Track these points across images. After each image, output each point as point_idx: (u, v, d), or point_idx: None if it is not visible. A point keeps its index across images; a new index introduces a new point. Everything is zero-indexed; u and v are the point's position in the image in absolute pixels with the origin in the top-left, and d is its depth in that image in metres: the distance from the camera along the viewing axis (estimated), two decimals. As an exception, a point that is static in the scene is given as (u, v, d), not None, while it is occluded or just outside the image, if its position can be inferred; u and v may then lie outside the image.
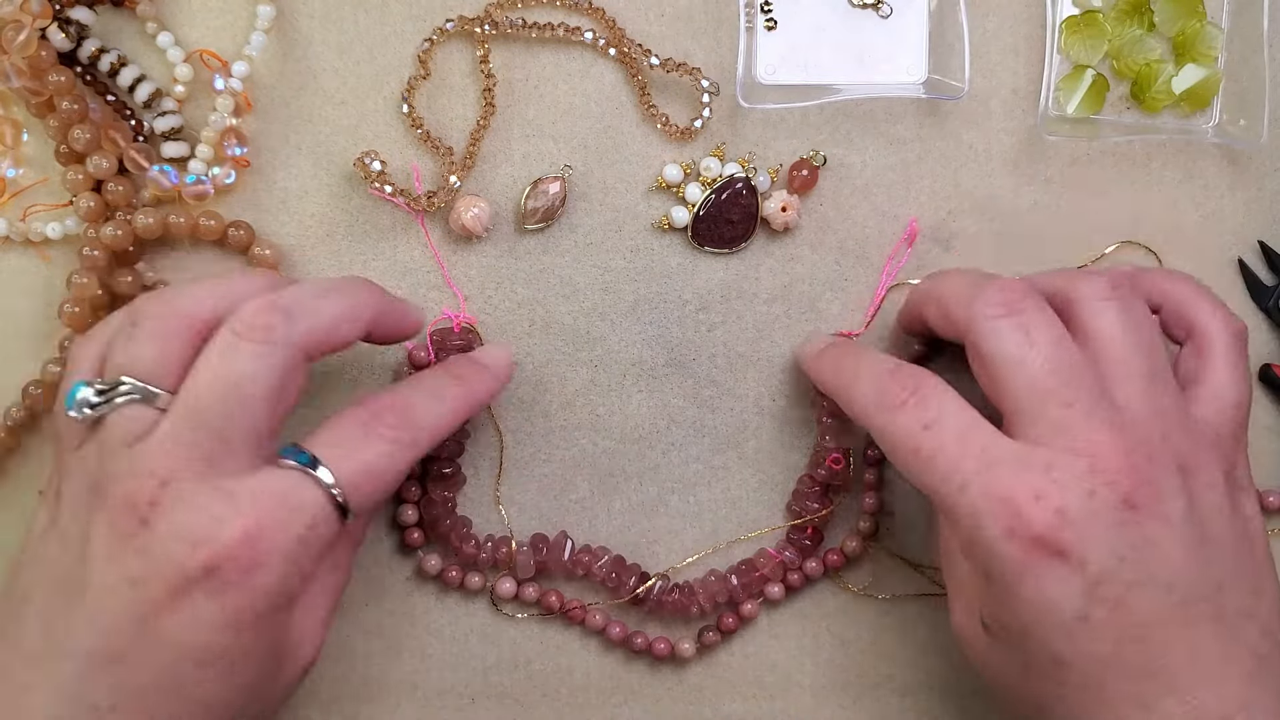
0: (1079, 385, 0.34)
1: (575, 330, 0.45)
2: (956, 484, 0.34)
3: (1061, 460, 0.33)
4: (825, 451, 0.44)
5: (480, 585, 0.45)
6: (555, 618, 0.45)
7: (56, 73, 0.42)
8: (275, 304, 0.35)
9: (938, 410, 0.35)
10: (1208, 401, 0.37)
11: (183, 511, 0.33)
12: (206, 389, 0.34)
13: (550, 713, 0.45)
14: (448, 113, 0.45)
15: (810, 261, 0.46)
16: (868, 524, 0.45)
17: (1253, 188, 0.46)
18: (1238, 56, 0.45)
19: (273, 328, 0.35)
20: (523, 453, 0.45)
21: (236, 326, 0.35)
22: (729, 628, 0.45)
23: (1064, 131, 0.45)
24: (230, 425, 0.34)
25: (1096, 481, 0.33)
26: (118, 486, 0.34)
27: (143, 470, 0.34)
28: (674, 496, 0.46)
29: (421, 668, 0.45)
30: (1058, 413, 0.34)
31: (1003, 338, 0.35)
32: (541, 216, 0.44)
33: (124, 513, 0.33)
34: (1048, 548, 0.33)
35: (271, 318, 0.35)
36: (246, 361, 0.34)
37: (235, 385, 0.34)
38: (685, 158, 0.45)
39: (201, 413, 0.34)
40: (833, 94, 0.44)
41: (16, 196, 0.44)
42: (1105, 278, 0.37)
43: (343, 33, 0.45)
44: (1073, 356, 0.35)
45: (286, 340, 0.35)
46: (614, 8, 0.45)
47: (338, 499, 0.35)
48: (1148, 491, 0.33)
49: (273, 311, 0.35)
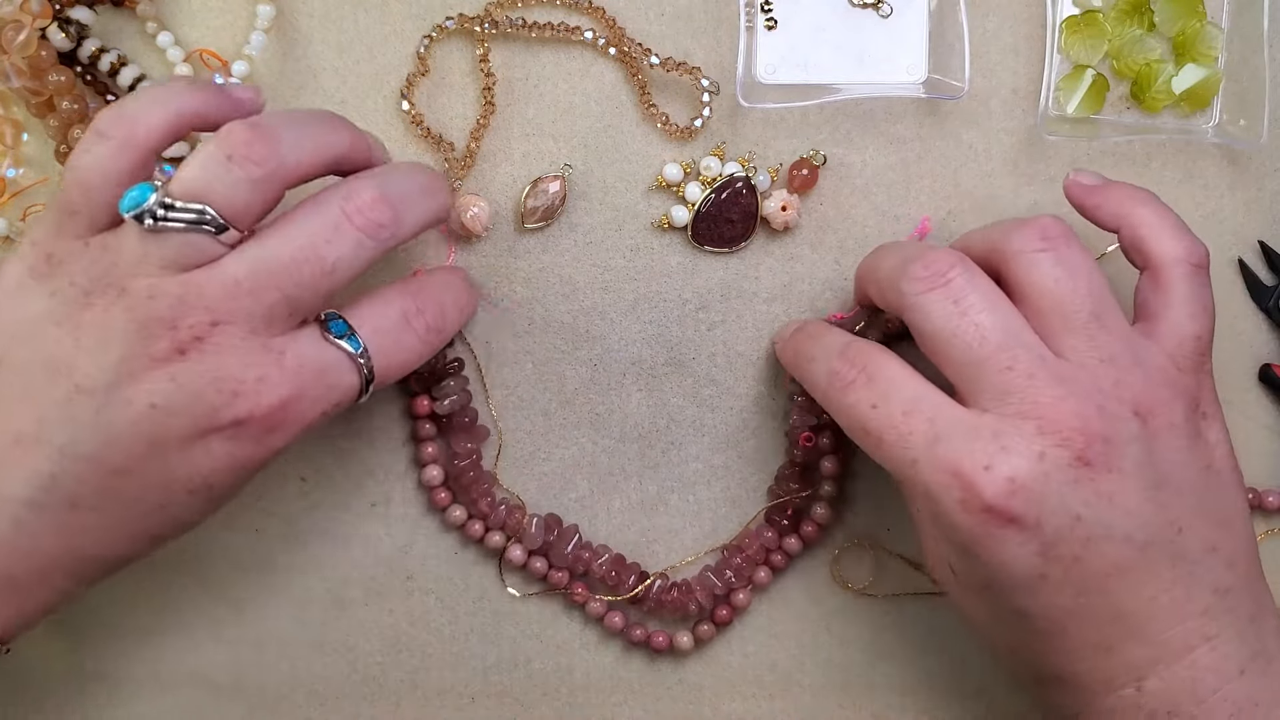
0: (1016, 346, 0.34)
1: (575, 329, 0.45)
2: (908, 460, 0.34)
3: (1008, 425, 0.33)
4: (797, 431, 0.44)
5: (500, 545, 0.45)
6: (558, 611, 0.45)
7: (56, 73, 0.42)
8: (388, 198, 0.36)
9: (885, 386, 0.35)
10: (1166, 336, 0.36)
11: (229, 358, 0.33)
12: (299, 255, 0.34)
13: (550, 712, 0.45)
14: (447, 111, 0.45)
15: (810, 261, 0.46)
16: (830, 488, 0.45)
17: (1253, 188, 0.46)
18: (1238, 56, 0.45)
19: (384, 225, 0.36)
20: (522, 451, 0.45)
21: (349, 208, 0.35)
22: (723, 619, 0.45)
23: (1064, 131, 0.45)
24: (305, 296, 0.35)
25: (1046, 443, 0.33)
26: (159, 305, 0.33)
27: (197, 301, 0.33)
28: (674, 495, 0.46)
29: (421, 668, 0.45)
30: (999, 377, 0.34)
31: (932, 311, 0.35)
32: (541, 216, 0.44)
33: (161, 334, 0.33)
34: (1001, 515, 0.33)
35: (385, 214, 0.36)
36: (348, 247, 0.35)
37: (330, 266, 0.35)
38: (685, 157, 0.45)
39: (282, 276, 0.34)
40: (833, 94, 0.44)
41: (16, 196, 0.44)
42: (1036, 227, 0.36)
43: (342, 32, 0.45)
44: (1006, 318, 0.35)
45: (390, 241, 0.36)
46: (614, 7, 0.45)
47: (367, 383, 0.36)
48: (1101, 446, 0.33)
49: (385, 207, 0.36)
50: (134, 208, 0.33)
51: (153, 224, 0.33)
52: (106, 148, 0.35)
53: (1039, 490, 0.33)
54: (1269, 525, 0.47)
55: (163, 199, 0.33)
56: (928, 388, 0.35)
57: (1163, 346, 0.36)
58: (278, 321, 0.34)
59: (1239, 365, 0.46)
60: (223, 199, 0.34)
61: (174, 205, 0.33)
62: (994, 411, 0.34)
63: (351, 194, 0.35)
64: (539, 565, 0.45)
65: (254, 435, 0.34)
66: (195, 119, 0.36)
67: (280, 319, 0.34)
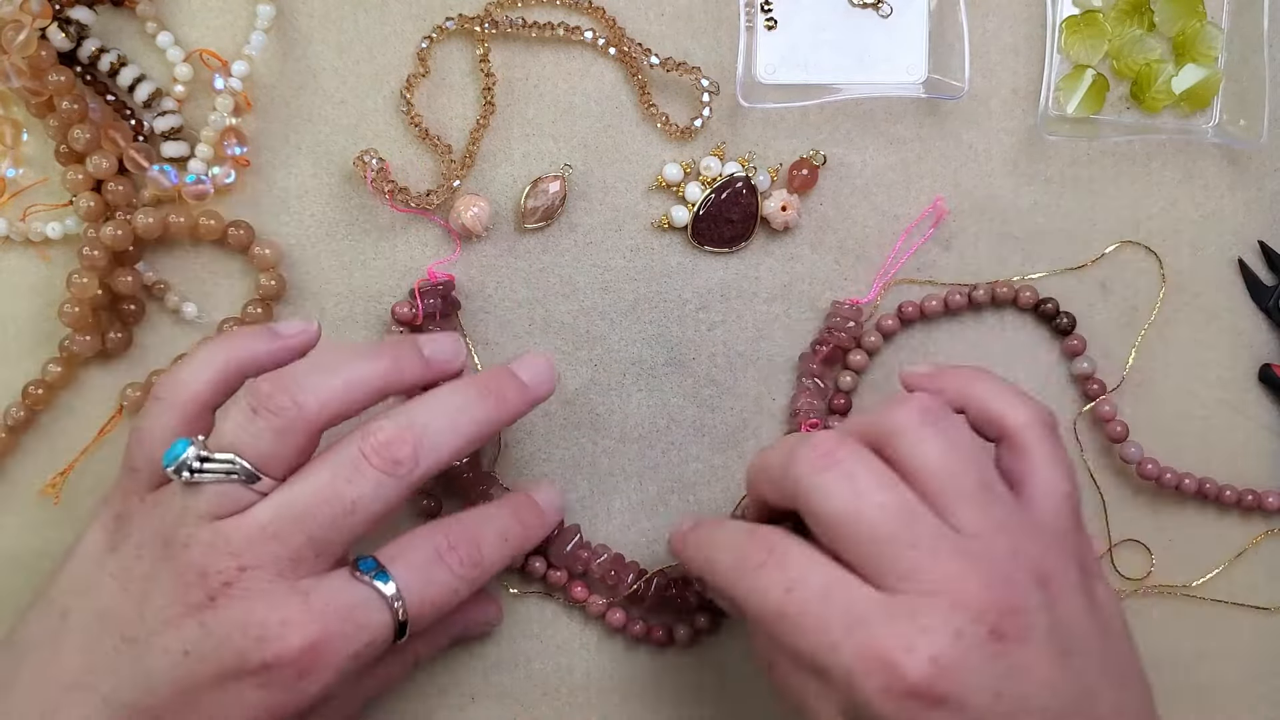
0: (918, 524, 0.33)
1: (575, 329, 0.45)
2: (827, 645, 0.33)
3: (922, 605, 0.32)
4: (802, 416, 0.44)
5: None
6: (558, 611, 0.45)
7: (56, 73, 0.42)
8: (408, 435, 0.36)
9: (799, 569, 0.34)
10: (1042, 499, 0.36)
11: (256, 602, 0.34)
12: (318, 497, 0.35)
13: (550, 712, 0.45)
14: (447, 112, 0.45)
15: (810, 261, 0.46)
16: None
17: (1253, 188, 0.46)
18: (1238, 56, 0.45)
19: (401, 463, 0.36)
20: (522, 452, 0.45)
21: (366, 448, 0.35)
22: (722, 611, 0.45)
23: (1064, 131, 0.45)
24: (329, 537, 0.35)
25: (961, 620, 0.32)
26: (193, 554, 0.34)
27: (225, 548, 0.34)
28: (674, 496, 0.46)
29: (421, 668, 0.45)
30: (905, 555, 0.33)
31: (829, 493, 0.34)
32: (541, 216, 0.44)
33: (195, 582, 0.34)
34: (926, 698, 0.32)
35: (403, 451, 0.36)
36: (368, 486, 0.35)
37: (350, 506, 0.35)
38: (685, 157, 0.45)
39: (305, 519, 0.35)
40: (833, 94, 0.44)
41: (16, 196, 0.44)
42: (914, 407, 0.35)
43: (342, 32, 0.45)
44: (902, 496, 0.34)
45: (410, 477, 0.36)
46: (614, 7, 0.45)
47: (401, 622, 0.36)
48: (1012, 619, 0.32)
49: (404, 444, 0.36)
50: (173, 462, 0.35)
51: (189, 476, 0.35)
52: (161, 409, 0.37)
53: (960, 668, 0.32)
54: (1269, 525, 0.47)
55: (199, 452, 0.35)
56: (839, 569, 0.34)
57: (1043, 508, 0.36)
58: (305, 563, 0.35)
59: (1239, 365, 0.46)
60: (251, 449, 0.35)
61: (209, 457, 0.35)
62: (904, 591, 0.33)
63: (370, 432, 0.36)
64: (538, 565, 0.45)
65: (285, 681, 0.34)
66: (247, 367, 0.38)
67: (307, 560, 0.35)
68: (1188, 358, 0.46)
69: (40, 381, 0.43)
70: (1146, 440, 0.46)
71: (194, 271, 0.45)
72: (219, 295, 0.45)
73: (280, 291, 0.44)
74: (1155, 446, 0.46)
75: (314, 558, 0.35)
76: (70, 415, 0.44)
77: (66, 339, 0.43)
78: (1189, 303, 0.46)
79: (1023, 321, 0.46)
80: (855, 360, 0.45)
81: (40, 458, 0.44)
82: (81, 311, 0.43)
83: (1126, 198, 0.46)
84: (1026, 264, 0.46)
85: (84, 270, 0.42)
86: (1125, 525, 0.46)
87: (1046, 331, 0.46)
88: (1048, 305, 0.45)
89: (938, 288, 0.46)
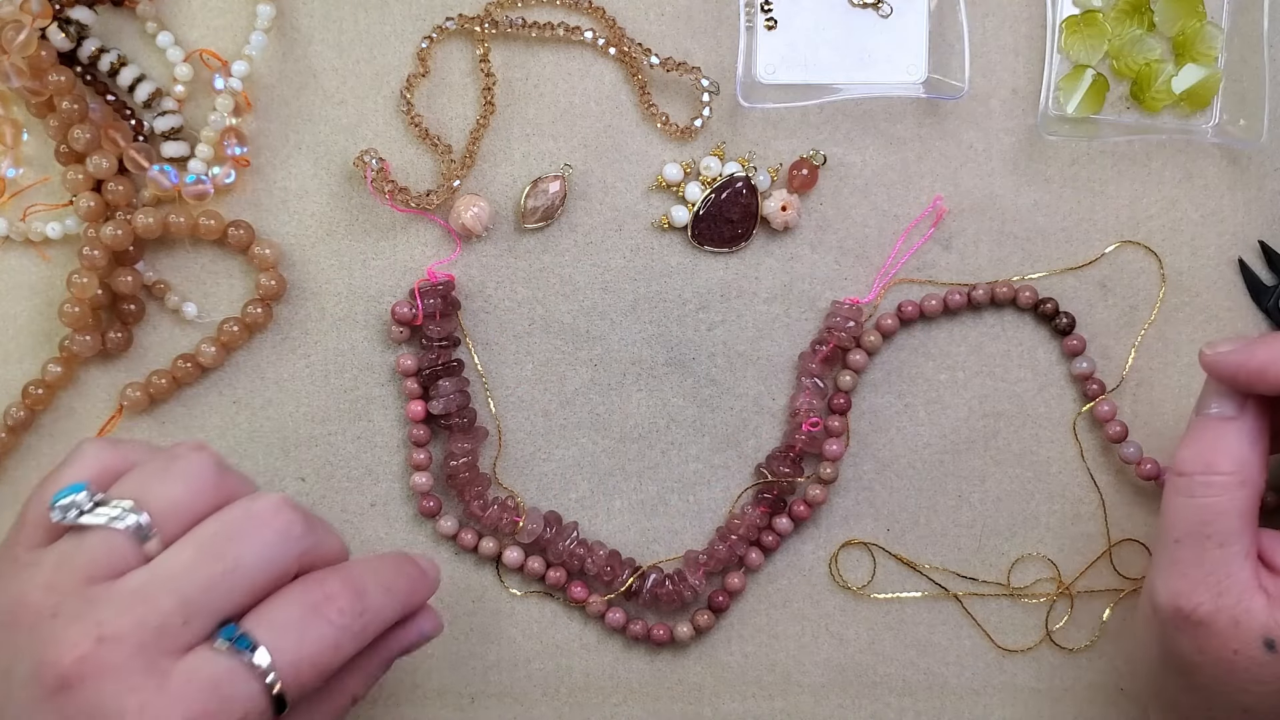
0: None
1: (575, 329, 0.45)
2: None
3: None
4: (802, 414, 0.44)
5: (494, 552, 0.45)
6: (558, 611, 0.45)
7: (56, 73, 0.42)
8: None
9: None
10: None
11: (109, 685, 0.31)
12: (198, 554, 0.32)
13: (550, 712, 0.45)
14: (447, 112, 0.45)
15: (810, 261, 0.46)
16: (830, 470, 0.45)
17: (1253, 188, 0.46)
18: (1238, 56, 0.45)
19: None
20: (522, 452, 0.45)
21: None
22: (720, 605, 0.45)
23: (1064, 131, 0.45)
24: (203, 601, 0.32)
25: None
26: (56, 626, 0.31)
27: (90, 616, 0.31)
28: (674, 496, 0.46)
29: (422, 668, 0.45)
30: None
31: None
32: (541, 216, 0.44)
33: (52, 661, 0.31)
34: None
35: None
36: (255, 545, 0.33)
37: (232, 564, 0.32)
38: (685, 157, 0.45)
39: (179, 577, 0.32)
40: (833, 94, 0.44)
41: (16, 196, 0.44)
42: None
43: (342, 32, 0.45)
44: None
45: (301, 543, 0.34)
46: (614, 7, 0.45)
47: (274, 691, 0.32)
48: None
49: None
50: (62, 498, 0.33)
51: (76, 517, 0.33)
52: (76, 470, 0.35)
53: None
54: (1269, 525, 0.47)
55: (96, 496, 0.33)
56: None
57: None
58: (169, 633, 0.31)
59: (1239, 365, 0.46)
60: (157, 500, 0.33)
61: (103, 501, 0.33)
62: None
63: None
64: (536, 565, 0.45)
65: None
66: None
67: (172, 630, 0.31)
68: (1188, 358, 0.46)
69: (40, 381, 0.43)
70: (1146, 440, 0.46)
71: (194, 271, 0.45)
72: (219, 295, 0.45)
73: (280, 291, 0.44)
74: (1155, 446, 0.46)
75: (181, 625, 0.31)
76: (70, 415, 0.44)
77: (66, 339, 0.43)
78: (1189, 303, 0.46)
79: (1022, 321, 0.46)
80: (855, 360, 0.45)
81: (40, 458, 0.44)
82: (81, 311, 0.43)
83: (1126, 198, 0.46)
84: (1026, 264, 0.46)
85: (84, 270, 0.42)
86: (1125, 525, 0.46)
87: (1046, 331, 0.46)
88: (1047, 305, 0.45)
89: (938, 287, 0.46)
